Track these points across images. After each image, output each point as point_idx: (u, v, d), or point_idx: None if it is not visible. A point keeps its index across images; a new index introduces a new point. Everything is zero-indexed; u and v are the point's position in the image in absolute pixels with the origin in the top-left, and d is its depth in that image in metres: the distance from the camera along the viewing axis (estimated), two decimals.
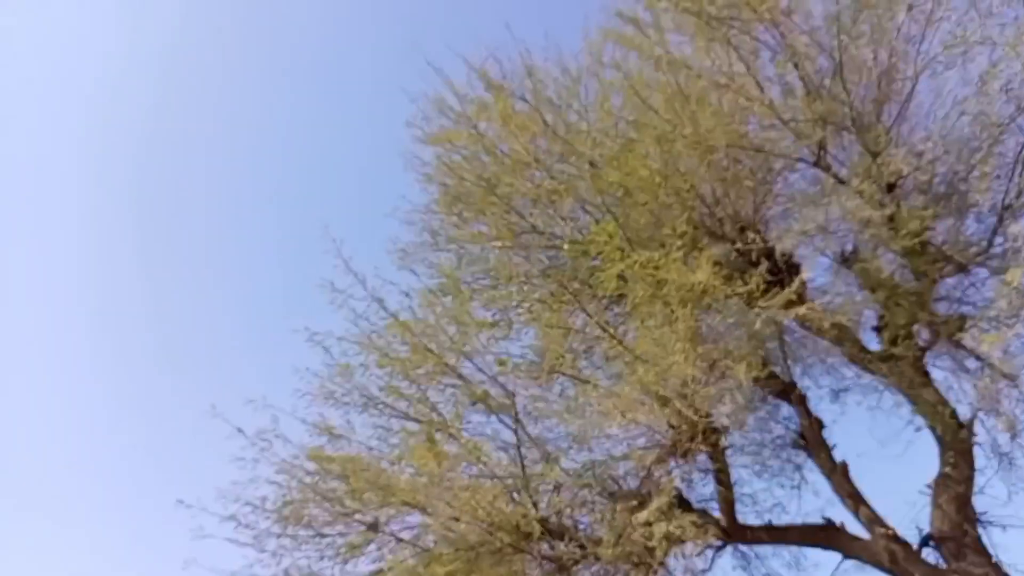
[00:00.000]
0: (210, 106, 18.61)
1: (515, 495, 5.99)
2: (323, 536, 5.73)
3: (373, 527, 5.66)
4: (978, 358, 6.64)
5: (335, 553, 5.76)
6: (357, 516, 5.64)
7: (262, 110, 19.11)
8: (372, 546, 5.79)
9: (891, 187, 6.38)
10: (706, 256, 5.84)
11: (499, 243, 7.22)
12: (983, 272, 6.66)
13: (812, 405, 7.38)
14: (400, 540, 5.73)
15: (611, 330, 6.30)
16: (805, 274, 6.26)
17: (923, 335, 6.80)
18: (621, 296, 6.51)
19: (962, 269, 6.55)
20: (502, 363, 6.24)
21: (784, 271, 6.71)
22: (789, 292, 5.81)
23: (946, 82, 6.44)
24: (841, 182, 6.56)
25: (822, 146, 6.59)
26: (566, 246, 6.75)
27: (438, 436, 5.85)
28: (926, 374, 6.76)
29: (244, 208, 19.87)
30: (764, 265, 6.12)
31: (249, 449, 5.64)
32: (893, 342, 6.52)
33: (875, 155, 6.25)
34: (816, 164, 6.77)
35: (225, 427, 5.57)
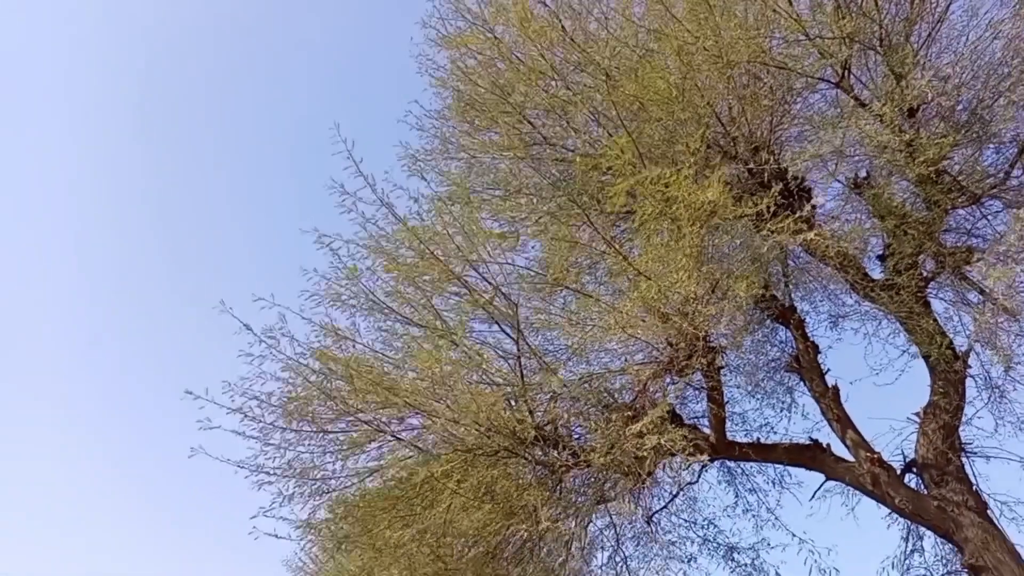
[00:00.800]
0: (223, 6, 18.03)
1: (513, 402, 6.12)
2: (326, 432, 5.89)
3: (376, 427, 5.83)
4: (980, 291, 6.67)
5: (337, 449, 5.94)
6: (360, 415, 5.79)
7: (275, 9, 18.53)
8: (373, 444, 5.97)
9: (912, 112, 6.25)
10: (717, 175, 5.75)
11: (510, 153, 7.12)
12: (996, 205, 6.60)
13: (809, 330, 7.47)
14: (400, 440, 5.90)
15: (616, 245, 6.29)
16: (816, 199, 6.19)
17: (928, 265, 6.80)
18: (629, 213, 6.46)
19: (975, 200, 6.48)
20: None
21: (795, 195, 6.65)
22: (799, 218, 5.76)
23: (983, 1, 6.22)
24: (862, 105, 6.41)
25: (846, 66, 6.41)
26: (577, 159, 6.65)
27: (441, 342, 5.93)
28: (927, 304, 6.78)
29: (256, 107, 19.55)
30: (777, 187, 6.04)
31: (256, 346, 5.74)
32: (897, 271, 6.52)
33: (900, 77, 6.07)
34: (838, 85, 6.59)
35: (233, 323, 5.63)
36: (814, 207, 6.53)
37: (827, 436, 7.06)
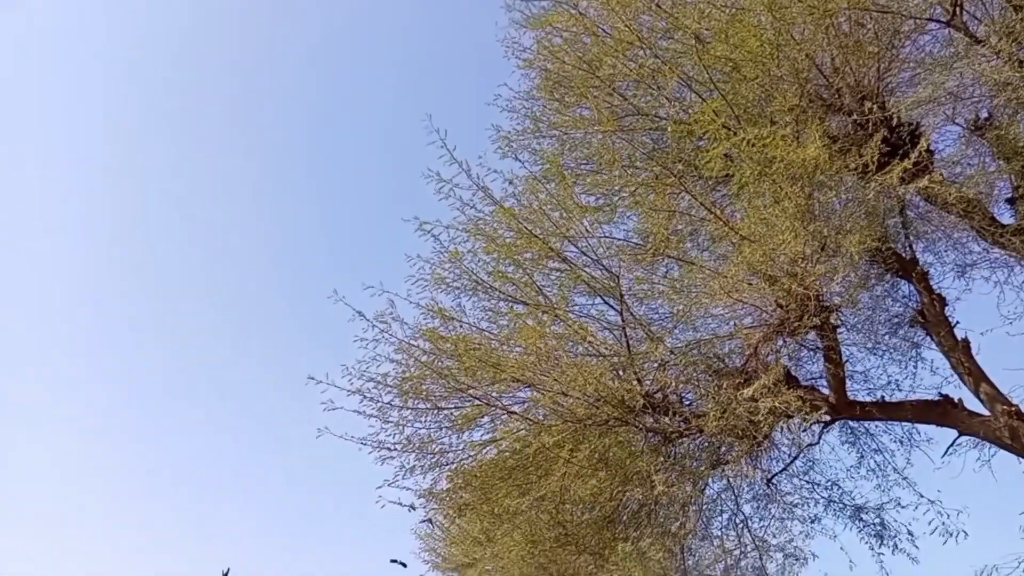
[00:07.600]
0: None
1: (620, 372, 6.21)
2: (440, 409, 6.21)
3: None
4: None
5: (451, 424, 6.27)
6: (470, 391, 6.06)
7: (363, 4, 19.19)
8: (485, 418, 6.24)
9: None
10: (816, 131, 5.56)
11: (602, 127, 7.13)
12: None
13: (934, 282, 7.08)
14: (511, 413, 6.13)
15: (717, 211, 6.21)
16: (926, 143, 5.86)
17: None
18: (727, 176, 6.36)
19: None
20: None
21: (907, 142, 6.32)
22: (907, 163, 5.48)
23: None
24: (978, 42, 5.98)
25: (957, 3, 5.99)
26: (670, 127, 6.58)
27: (544, 318, 6.09)
28: None
29: (354, 105, 20.40)
30: (879, 135, 5.77)
31: (369, 331, 6.13)
32: None
33: (1019, 9, 5.63)
34: (949, 23, 6.17)
35: (347, 311, 6.04)
36: (930, 152, 6.18)
37: (958, 391, 6.71)
